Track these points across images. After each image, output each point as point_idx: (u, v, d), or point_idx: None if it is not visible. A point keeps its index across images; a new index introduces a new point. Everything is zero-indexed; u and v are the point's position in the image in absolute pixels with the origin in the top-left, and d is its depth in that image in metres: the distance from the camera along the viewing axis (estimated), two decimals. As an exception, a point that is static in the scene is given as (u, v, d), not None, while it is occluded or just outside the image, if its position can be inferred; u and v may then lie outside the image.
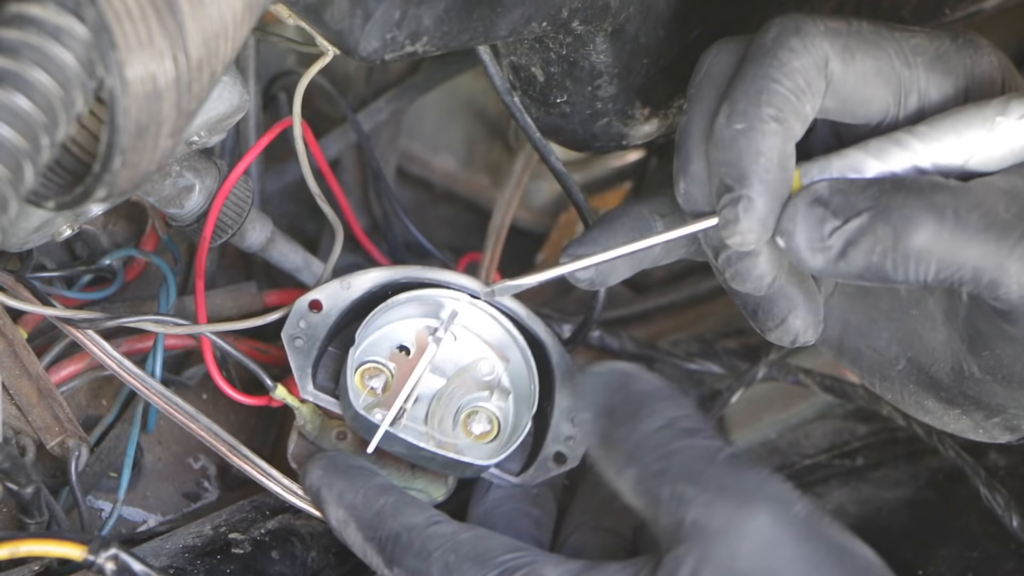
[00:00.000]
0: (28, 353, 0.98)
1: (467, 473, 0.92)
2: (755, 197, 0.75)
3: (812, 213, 0.75)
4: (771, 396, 1.22)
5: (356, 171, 1.35)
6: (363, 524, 0.86)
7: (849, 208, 0.75)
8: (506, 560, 0.79)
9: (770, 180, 0.75)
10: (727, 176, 0.76)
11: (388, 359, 0.96)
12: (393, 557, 0.83)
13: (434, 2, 0.79)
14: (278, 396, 0.95)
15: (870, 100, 0.79)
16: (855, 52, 0.78)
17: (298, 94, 0.95)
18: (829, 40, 0.77)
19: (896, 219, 0.73)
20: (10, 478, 0.87)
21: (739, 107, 0.76)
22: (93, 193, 0.65)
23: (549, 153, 0.98)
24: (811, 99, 0.77)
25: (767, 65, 0.77)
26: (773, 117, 0.76)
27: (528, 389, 0.94)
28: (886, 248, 0.73)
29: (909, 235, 0.73)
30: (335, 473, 0.89)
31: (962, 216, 0.73)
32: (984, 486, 1.04)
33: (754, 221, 0.75)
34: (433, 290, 0.95)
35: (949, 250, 0.73)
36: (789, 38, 0.77)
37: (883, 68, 0.78)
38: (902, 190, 0.74)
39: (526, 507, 0.91)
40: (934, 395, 0.84)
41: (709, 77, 0.81)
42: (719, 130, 0.77)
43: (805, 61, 0.77)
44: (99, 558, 0.80)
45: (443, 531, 0.82)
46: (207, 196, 1.00)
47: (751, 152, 0.75)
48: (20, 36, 0.61)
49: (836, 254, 0.75)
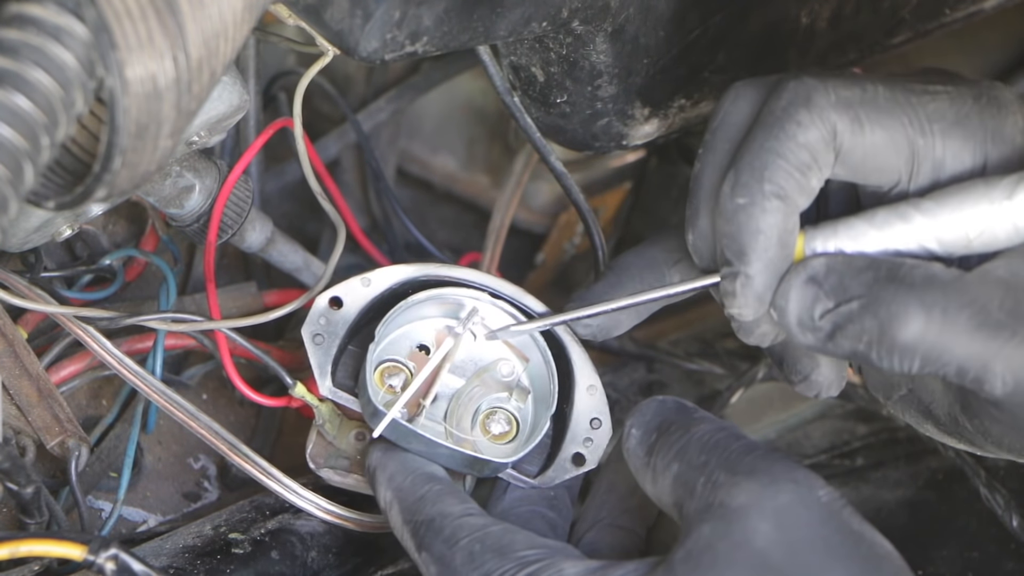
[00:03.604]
0: (28, 353, 0.98)
1: (485, 472, 0.92)
2: (752, 275, 0.78)
3: (806, 292, 0.78)
4: (771, 396, 1.22)
5: (356, 171, 1.35)
6: (405, 507, 0.87)
7: (841, 292, 0.77)
8: (526, 555, 0.80)
9: (768, 258, 0.78)
10: (727, 249, 0.79)
11: (408, 358, 0.95)
12: (423, 542, 0.84)
13: (434, 2, 0.79)
14: (297, 394, 0.95)
15: (880, 170, 0.80)
16: (865, 124, 0.79)
17: (298, 94, 0.95)
18: (839, 112, 0.78)
19: (884, 313, 0.75)
20: (10, 478, 0.87)
21: (742, 180, 0.79)
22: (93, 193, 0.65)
23: (549, 153, 0.98)
24: (817, 173, 0.79)
25: (774, 137, 0.79)
26: (775, 194, 0.78)
27: (547, 389, 0.94)
28: (872, 340, 0.75)
29: (895, 331, 0.74)
30: (391, 456, 0.90)
31: (951, 316, 0.74)
32: (984, 486, 1.04)
33: (750, 298, 0.79)
34: (453, 289, 0.95)
35: (934, 348, 0.74)
36: (798, 110, 0.79)
37: (895, 138, 0.79)
38: (894, 282, 0.75)
39: (542, 509, 0.91)
40: (933, 424, 0.86)
41: (724, 127, 0.83)
42: (723, 200, 0.79)
43: (812, 136, 0.78)
44: (99, 558, 0.80)
45: (474, 522, 0.83)
46: (207, 196, 1.00)
47: (751, 229, 0.78)
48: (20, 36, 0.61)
49: (825, 336, 0.77)
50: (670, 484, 0.80)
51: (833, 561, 0.75)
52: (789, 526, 0.75)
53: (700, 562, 0.75)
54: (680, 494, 0.79)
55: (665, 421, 0.84)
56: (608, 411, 0.93)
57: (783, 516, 0.75)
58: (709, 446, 0.80)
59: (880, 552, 0.76)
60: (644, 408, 0.86)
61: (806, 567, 0.74)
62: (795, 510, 0.76)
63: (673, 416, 0.84)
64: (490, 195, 1.38)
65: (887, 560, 0.76)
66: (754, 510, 0.75)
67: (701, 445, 0.80)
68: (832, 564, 0.74)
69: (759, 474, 0.77)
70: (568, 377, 0.94)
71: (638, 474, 0.84)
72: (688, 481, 0.79)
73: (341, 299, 0.94)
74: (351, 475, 0.95)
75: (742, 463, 0.78)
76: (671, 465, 0.80)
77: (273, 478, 0.95)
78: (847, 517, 0.76)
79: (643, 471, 0.83)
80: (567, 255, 1.40)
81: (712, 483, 0.78)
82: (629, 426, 0.85)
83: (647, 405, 0.86)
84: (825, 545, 0.75)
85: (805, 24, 0.98)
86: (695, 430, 0.81)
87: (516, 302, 0.95)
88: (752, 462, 0.78)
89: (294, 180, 1.30)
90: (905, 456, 1.18)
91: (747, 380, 1.14)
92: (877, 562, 0.76)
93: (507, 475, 0.93)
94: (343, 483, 0.95)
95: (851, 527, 0.76)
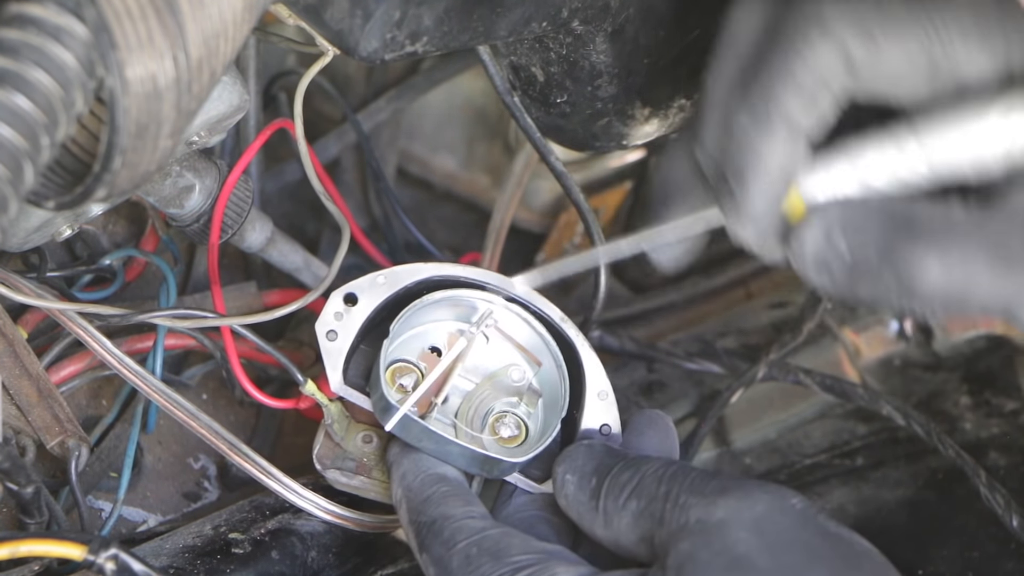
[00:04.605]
0: (28, 353, 0.98)
1: (494, 472, 0.92)
2: (749, 198, 0.76)
3: (821, 241, 0.76)
4: (771, 396, 1.22)
5: (356, 171, 1.35)
6: (411, 507, 0.87)
7: (857, 242, 0.75)
8: (521, 559, 0.80)
9: (767, 183, 0.76)
10: (727, 168, 0.77)
11: (419, 359, 0.95)
12: (424, 542, 0.84)
13: (434, 2, 0.79)
14: (308, 391, 0.95)
15: (899, 87, 0.77)
16: (880, 40, 0.75)
17: (298, 94, 0.95)
18: (852, 29, 0.75)
19: (902, 265, 0.74)
20: (10, 478, 0.87)
21: (750, 100, 0.76)
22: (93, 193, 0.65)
23: (549, 153, 0.98)
24: (828, 94, 0.76)
25: (783, 56, 0.76)
26: (781, 116, 0.76)
27: (558, 394, 0.94)
28: (890, 288, 0.74)
29: (915, 282, 0.73)
30: (405, 454, 0.91)
31: (969, 259, 0.73)
32: (984, 486, 1.04)
33: (746, 221, 0.77)
34: (467, 291, 0.95)
35: (955, 293, 0.73)
36: (809, 28, 0.76)
37: (912, 53, 0.76)
38: (910, 230, 0.74)
39: (547, 515, 0.91)
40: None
41: (734, 39, 0.80)
42: (728, 118, 0.77)
43: (823, 54, 0.75)
44: (99, 558, 0.80)
45: (474, 525, 0.83)
46: (207, 196, 0.99)
47: (753, 152, 0.76)
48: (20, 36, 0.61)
49: (843, 283, 0.76)
50: (630, 522, 0.81)
51: (814, 561, 0.75)
52: (768, 532, 0.76)
53: (683, 571, 0.75)
54: (646, 527, 0.80)
55: (602, 464, 0.85)
56: (618, 418, 0.93)
57: (761, 524, 0.76)
58: (667, 478, 0.80)
59: (859, 550, 0.76)
60: (574, 454, 0.87)
61: (789, 568, 0.74)
62: (772, 517, 0.76)
63: (608, 460, 0.85)
64: (490, 195, 1.38)
65: (867, 557, 0.76)
66: (733, 522, 0.76)
67: (658, 479, 0.81)
68: (814, 564, 0.75)
69: (732, 490, 0.78)
70: (579, 383, 0.94)
71: (583, 519, 0.84)
72: (653, 512, 0.79)
73: (356, 296, 0.94)
74: (357, 477, 0.95)
75: (708, 485, 0.79)
76: (627, 504, 0.81)
77: (273, 478, 0.95)
78: (823, 521, 0.77)
79: (590, 515, 0.84)
80: (567, 255, 1.40)
81: (682, 506, 0.78)
82: (562, 473, 0.86)
83: (575, 450, 0.87)
84: (805, 547, 0.75)
85: (805, 24, 0.98)
86: (645, 467, 0.82)
87: (530, 305, 0.95)
88: (720, 483, 0.79)
89: (294, 180, 1.30)
90: (905, 456, 1.18)
91: (747, 380, 1.14)
92: (857, 560, 0.76)
93: (514, 479, 0.93)
94: (349, 485, 0.95)
95: (828, 529, 0.77)
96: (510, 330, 0.95)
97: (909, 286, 0.74)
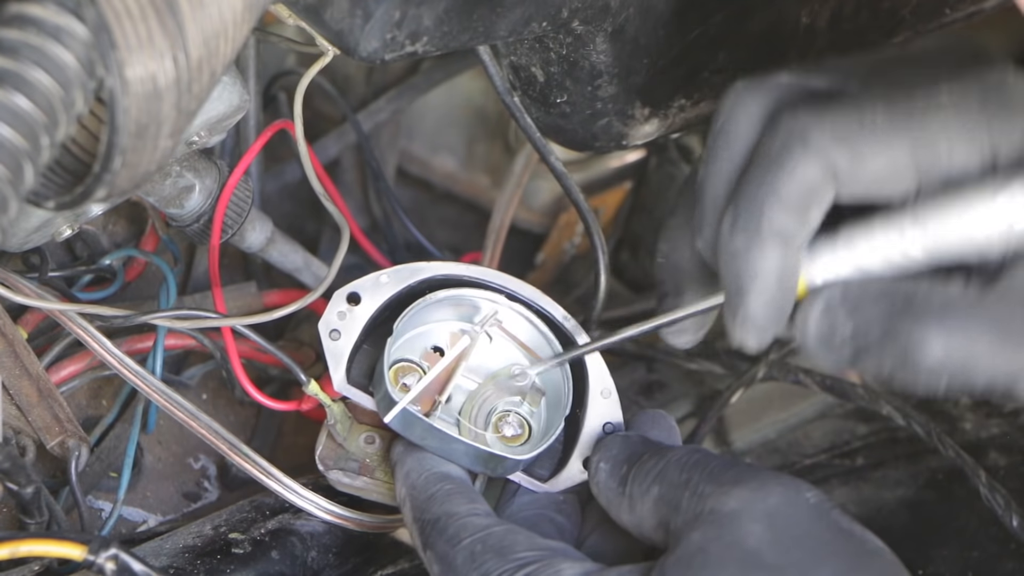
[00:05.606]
0: (28, 353, 0.98)
1: (498, 470, 0.92)
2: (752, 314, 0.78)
3: (824, 321, 0.78)
4: (771, 396, 1.22)
5: (356, 171, 1.35)
6: (415, 505, 0.87)
7: (860, 323, 0.76)
8: (526, 556, 0.80)
9: (768, 298, 0.78)
10: (729, 285, 0.79)
11: (422, 358, 0.95)
12: (428, 540, 0.84)
13: (434, 2, 0.79)
14: (311, 391, 0.95)
15: (886, 191, 0.78)
16: (866, 154, 0.77)
17: (298, 94, 0.95)
18: (837, 147, 0.77)
19: (904, 342, 0.75)
20: (10, 478, 0.87)
21: (741, 222, 0.78)
22: (93, 193, 0.65)
23: (549, 153, 0.98)
24: (818, 207, 0.78)
25: (771, 177, 0.77)
26: (774, 233, 0.77)
27: (561, 392, 0.94)
28: (893, 364, 0.75)
29: (918, 358, 0.74)
30: (409, 453, 0.91)
31: (972, 337, 0.74)
32: (984, 486, 1.04)
33: (750, 332, 0.79)
34: (471, 290, 0.95)
35: (960, 370, 0.74)
36: (794, 148, 0.77)
37: (898, 163, 0.77)
38: (911, 310, 0.75)
39: (550, 513, 0.91)
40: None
41: (725, 137, 0.82)
42: (723, 238, 0.79)
43: (810, 173, 0.77)
44: (99, 558, 0.80)
45: (478, 523, 0.84)
46: (207, 196, 1.00)
47: (750, 273, 0.78)
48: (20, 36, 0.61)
49: (847, 360, 0.77)
50: (651, 507, 0.82)
51: (824, 558, 0.75)
52: (780, 526, 0.76)
53: (692, 564, 0.75)
54: (664, 513, 0.80)
55: (634, 453, 0.86)
56: (622, 416, 0.93)
57: (773, 517, 0.76)
58: (689, 465, 0.81)
59: (871, 548, 0.77)
60: (610, 443, 0.88)
61: (798, 564, 0.75)
62: (785, 511, 0.77)
63: (641, 448, 0.86)
64: (490, 195, 1.38)
65: (878, 556, 0.76)
66: (745, 513, 0.76)
67: (680, 466, 0.81)
68: (823, 560, 0.75)
69: (747, 481, 0.78)
70: (582, 381, 0.94)
71: (611, 506, 0.85)
72: (672, 499, 0.80)
73: (359, 295, 0.94)
74: (360, 477, 0.95)
75: (726, 475, 0.79)
76: (650, 489, 0.82)
77: (273, 478, 0.95)
78: (836, 516, 0.77)
79: (617, 501, 0.84)
80: (567, 255, 1.40)
81: (698, 495, 0.79)
82: (597, 461, 0.87)
83: (612, 440, 0.89)
84: (816, 543, 0.76)
85: (805, 24, 0.98)
86: (671, 455, 0.83)
87: (535, 304, 0.95)
88: (737, 473, 0.79)
89: (294, 180, 1.30)
90: (905, 456, 1.18)
91: (747, 380, 1.14)
92: (868, 558, 0.76)
93: (518, 478, 0.93)
94: (351, 486, 0.95)
95: (840, 525, 0.77)
96: (513, 329, 0.96)
97: (912, 361, 0.74)
